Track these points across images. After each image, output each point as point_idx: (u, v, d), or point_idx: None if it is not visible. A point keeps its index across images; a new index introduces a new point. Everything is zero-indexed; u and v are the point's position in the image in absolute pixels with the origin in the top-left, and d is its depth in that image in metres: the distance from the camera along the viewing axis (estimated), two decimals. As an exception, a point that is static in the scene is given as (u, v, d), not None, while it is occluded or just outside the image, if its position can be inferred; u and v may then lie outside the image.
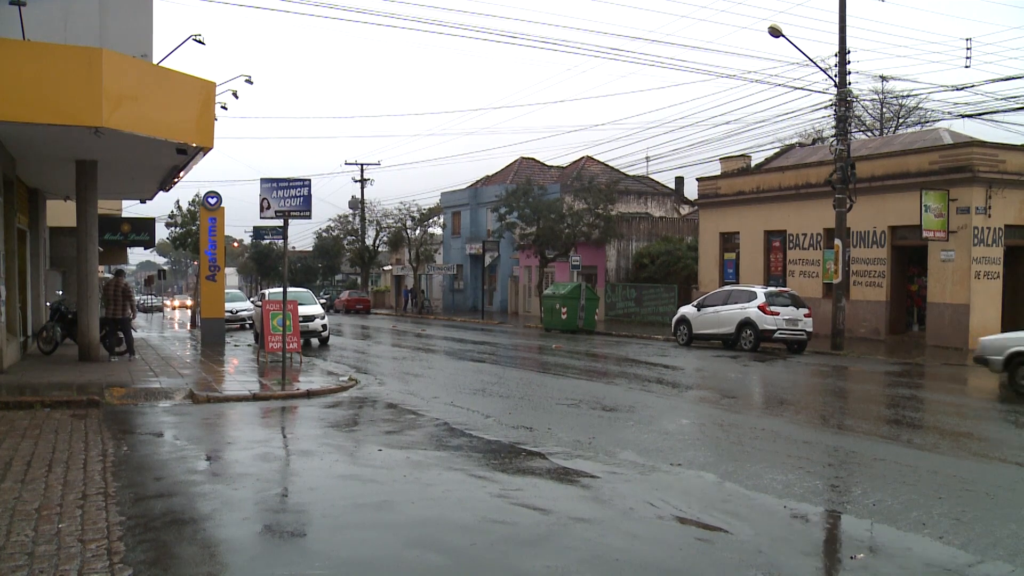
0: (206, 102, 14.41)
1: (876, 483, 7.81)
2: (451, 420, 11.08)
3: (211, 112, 14.69)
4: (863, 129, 45.70)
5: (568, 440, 9.69)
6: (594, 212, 38.61)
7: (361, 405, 12.78)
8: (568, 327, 31.94)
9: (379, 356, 21.97)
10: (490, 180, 56.64)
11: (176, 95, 13.97)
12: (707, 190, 34.65)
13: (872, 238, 27.34)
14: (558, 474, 8.03)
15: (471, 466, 8.30)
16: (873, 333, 27.18)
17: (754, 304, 23.24)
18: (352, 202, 60.78)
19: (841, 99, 24.01)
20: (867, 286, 27.54)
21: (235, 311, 33.19)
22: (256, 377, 15.65)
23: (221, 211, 24.00)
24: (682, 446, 9.48)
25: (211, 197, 24.05)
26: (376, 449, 9.09)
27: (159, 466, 8.30)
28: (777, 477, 7.95)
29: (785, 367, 19.33)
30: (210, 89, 14.49)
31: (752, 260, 31.90)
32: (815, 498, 7.28)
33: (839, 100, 24.07)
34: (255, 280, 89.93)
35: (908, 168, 26.25)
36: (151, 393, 13.14)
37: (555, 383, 15.42)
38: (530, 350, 25.16)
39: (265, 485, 7.48)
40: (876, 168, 26.98)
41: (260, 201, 14.44)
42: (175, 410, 11.83)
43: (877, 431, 10.70)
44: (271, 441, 9.89)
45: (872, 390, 15.76)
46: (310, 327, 24.18)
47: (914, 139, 30.50)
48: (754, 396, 15.04)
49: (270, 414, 11.97)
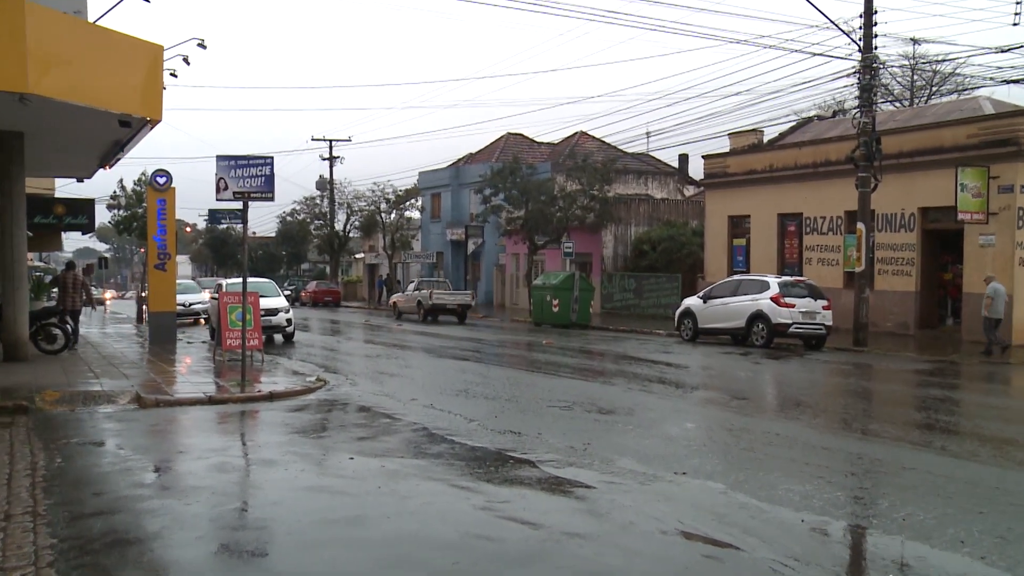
0: (152, 68, 14.26)
1: (906, 495, 7.82)
2: (431, 425, 11.04)
3: (158, 79, 14.55)
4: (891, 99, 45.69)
5: (560, 446, 9.68)
6: (589, 193, 38.60)
7: (330, 408, 12.73)
8: (560, 321, 31.94)
9: (350, 354, 21.90)
10: (473, 158, 56.52)
11: (117, 59, 13.79)
12: (714, 169, 34.70)
13: (900, 221, 27.44)
14: (550, 484, 8.01)
15: (453, 476, 8.27)
16: (901, 327, 27.28)
17: (767, 295, 23.31)
18: (320, 182, 60.59)
19: (866, 66, 24.03)
20: (894, 275, 27.65)
21: (188, 304, 33.03)
22: (212, 378, 15.56)
23: (171, 192, 23.81)
24: (687, 453, 9.48)
25: (160, 176, 23.85)
26: (347, 457, 9.06)
27: (99, 480, 8.22)
28: (794, 487, 7.96)
29: (801, 365, 19.40)
30: (157, 53, 14.34)
31: (764, 246, 31.99)
32: (837, 511, 7.29)
33: (864, 67, 24.09)
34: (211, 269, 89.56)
35: (942, 142, 26.27)
36: (91, 397, 13.02)
37: (546, 383, 15.41)
38: (518, 346, 25.13)
39: (222, 499, 7.43)
40: (905, 143, 27.02)
41: (216, 181, 14.32)
42: (119, 416, 11.73)
43: (906, 437, 10.73)
44: (229, 449, 9.83)
45: (900, 391, 15.84)
46: (273, 322, 24.08)
47: (949, 109, 30.51)
48: (767, 397, 15.07)
49: (228, 419, 11.89)
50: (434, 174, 56.99)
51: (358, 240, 67.10)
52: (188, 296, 33.56)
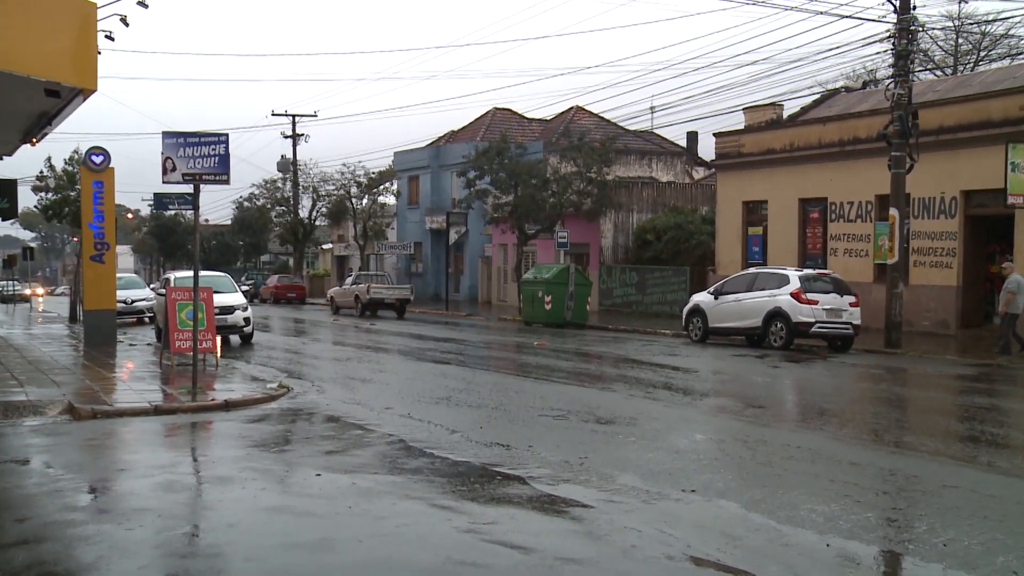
0: (85, 29, 14.09)
1: (947, 517, 7.82)
2: (408, 436, 11.05)
3: (92, 42, 14.38)
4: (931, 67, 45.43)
5: (554, 461, 9.69)
6: (586, 176, 38.62)
7: (295, 419, 12.71)
8: (553, 320, 31.98)
9: (317, 357, 21.88)
10: (456, 136, 56.50)
11: (42, 18, 13.60)
12: (727, 148, 34.76)
13: (939, 206, 27.44)
14: (542, 503, 8.02)
15: (433, 494, 8.27)
16: (940, 326, 27.30)
17: (786, 291, 23.36)
18: (282, 164, 60.42)
19: (903, 28, 23.94)
20: (932, 267, 27.66)
21: (130, 301, 32.99)
22: (158, 385, 15.52)
23: (110, 172, 23.69)
24: (696, 468, 9.50)
25: (96, 154, 23.72)
26: (313, 474, 9.05)
27: (23, 503, 8.16)
28: (817, 508, 7.97)
29: (826, 369, 19.46)
30: (90, 11, 14.17)
31: (784, 236, 32.07)
32: (867, 535, 7.29)
33: (900, 30, 24.01)
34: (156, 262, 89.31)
35: (990, 115, 26.25)
36: (13, 408, 12.94)
37: (537, 389, 15.43)
38: (506, 348, 25.14)
39: (169, 522, 7.39)
40: (946, 116, 26.99)
41: (163, 161, 14.28)
42: (48, 429, 11.65)
43: (946, 450, 10.76)
44: (178, 466, 9.80)
45: (939, 398, 15.89)
46: (229, 321, 24.06)
47: (999, 77, 30.42)
48: (787, 405, 15.10)
49: (177, 431, 11.85)
50: (411, 154, 56.93)
51: (325, 229, 66.94)
52: (130, 292, 33.52)
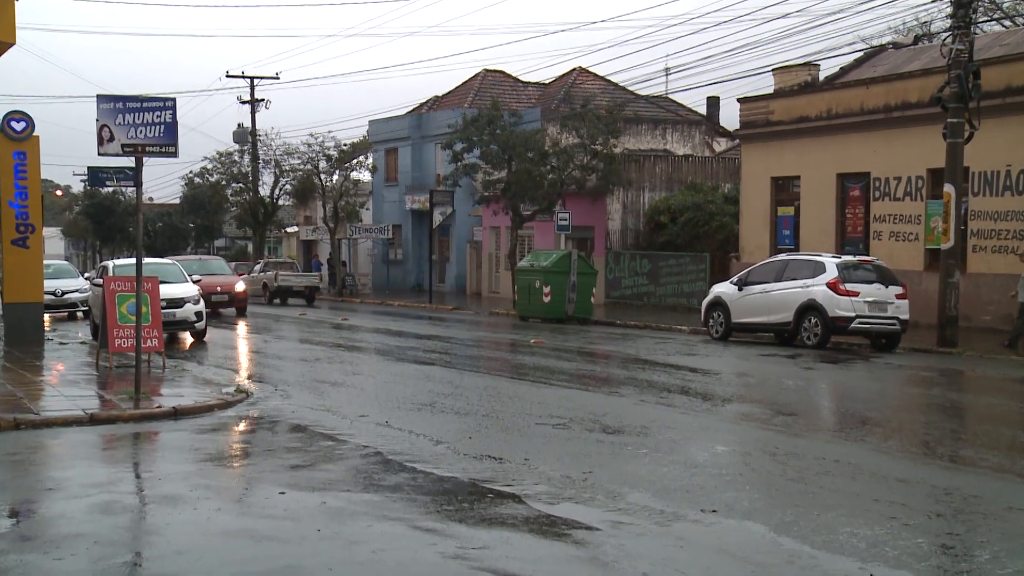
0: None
1: (1014, 545, 7.82)
2: (386, 448, 11.05)
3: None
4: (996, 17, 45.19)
5: (554, 476, 9.70)
6: (590, 149, 38.54)
7: (255, 428, 12.72)
8: (553, 314, 31.97)
9: (281, 357, 21.86)
10: (441, 103, 56.40)
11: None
12: (754, 115, 34.72)
13: (1004, 182, 27.33)
14: (540, 525, 8.04)
15: (415, 514, 8.29)
16: (1003, 321, 27.13)
17: (821, 280, 23.35)
18: (239, 133, 60.19)
19: (963, -29, 23.87)
20: (994, 252, 27.58)
21: (61, 292, 32.89)
22: (94, 389, 15.53)
23: (34, 141, 23.59)
24: (718, 485, 9.51)
25: (16, 120, 23.61)
26: (277, 492, 9.05)
27: (-69, 530, 8.14)
28: (859, 531, 7.99)
29: (868, 371, 19.49)
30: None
31: (819, 217, 32.06)
32: (917, 564, 7.29)
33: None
34: (92, 247, 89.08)
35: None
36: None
37: (535, 394, 15.45)
38: (499, 347, 25.14)
39: (107, 550, 7.38)
40: (1015, 75, 26.75)
41: (99, 129, 14.21)
42: (-38, 442, 11.61)
43: (1012, 467, 10.77)
44: (118, 484, 9.78)
45: (1002, 406, 15.90)
46: (178, 315, 23.98)
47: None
48: (822, 413, 15.13)
49: (117, 443, 11.83)
50: (389, 123, 56.77)
51: (290, 209, 66.83)
52: (61, 282, 33.39)
